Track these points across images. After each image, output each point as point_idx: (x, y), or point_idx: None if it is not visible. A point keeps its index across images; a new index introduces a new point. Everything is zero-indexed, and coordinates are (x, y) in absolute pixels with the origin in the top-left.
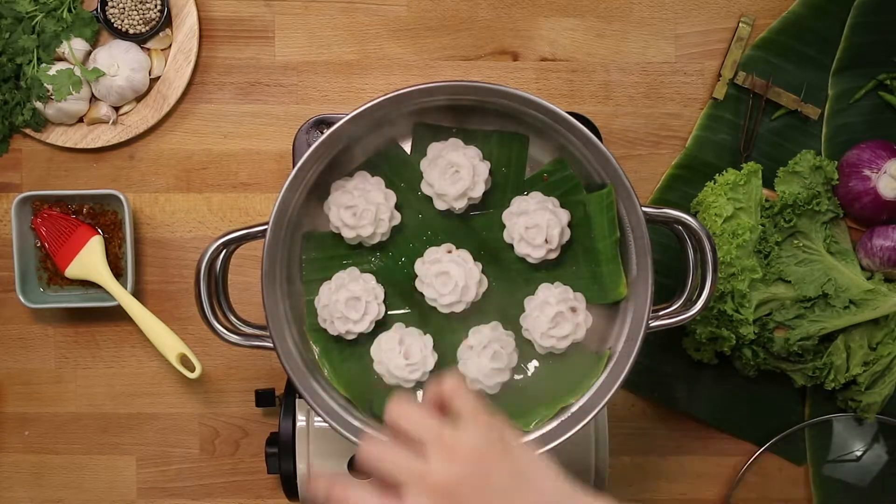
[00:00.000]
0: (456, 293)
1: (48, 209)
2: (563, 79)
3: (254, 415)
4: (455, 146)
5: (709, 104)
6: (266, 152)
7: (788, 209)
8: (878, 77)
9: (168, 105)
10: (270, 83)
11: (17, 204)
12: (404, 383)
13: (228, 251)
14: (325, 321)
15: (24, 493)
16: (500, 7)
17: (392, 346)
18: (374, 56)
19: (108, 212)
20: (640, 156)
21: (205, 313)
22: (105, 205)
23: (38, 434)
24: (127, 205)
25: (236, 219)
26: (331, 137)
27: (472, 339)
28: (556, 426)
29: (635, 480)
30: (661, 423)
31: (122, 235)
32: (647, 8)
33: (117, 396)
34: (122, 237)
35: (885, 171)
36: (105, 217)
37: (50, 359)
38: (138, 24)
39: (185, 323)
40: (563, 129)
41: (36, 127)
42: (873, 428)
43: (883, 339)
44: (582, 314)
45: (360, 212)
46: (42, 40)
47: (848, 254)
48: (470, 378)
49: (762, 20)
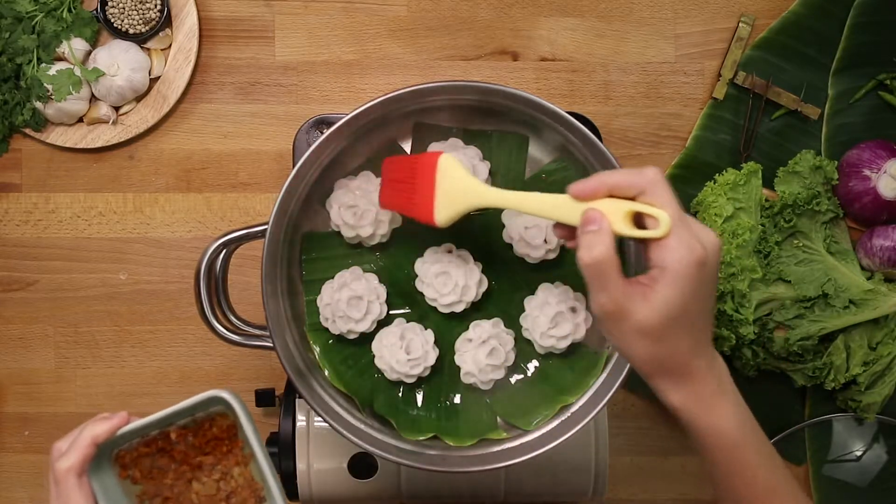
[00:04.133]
0: (456, 293)
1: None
2: (563, 79)
3: (254, 415)
4: (455, 146)
5: (709, 104)
6: (266, 152)
7: (788, 209)
8: (878, 77)
9: (168, 105)
10: (270, 83)
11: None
12: (406, 378)
13: (228, 251)
14: (326, 320)
15: (24, 493)
16: (500, 7)
17: (393, 341)
18: (374, 56)
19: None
20: (640, 156)
21: (205, 313)
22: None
23: (38, 434)
24: (239, 404)
25: (236, 219)
26: (331, 137)
27: (472, 332)
28: (556, 426)
29: (635, 480)
30: (661, 423)
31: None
32: (646, 8)
33: (117, 396)
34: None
35: (885, 171)
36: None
37: (50, 359)
38: (138, 24)
39: (185, 323)
40: (563, 129)
41: (36, 127)
42: (873, 428)
43: (883, 339)
44: (582, 314)
45: (361, 212)
46: (42, 40)
47: (848, 254)
48: (464, 371)
49: (762, 20)
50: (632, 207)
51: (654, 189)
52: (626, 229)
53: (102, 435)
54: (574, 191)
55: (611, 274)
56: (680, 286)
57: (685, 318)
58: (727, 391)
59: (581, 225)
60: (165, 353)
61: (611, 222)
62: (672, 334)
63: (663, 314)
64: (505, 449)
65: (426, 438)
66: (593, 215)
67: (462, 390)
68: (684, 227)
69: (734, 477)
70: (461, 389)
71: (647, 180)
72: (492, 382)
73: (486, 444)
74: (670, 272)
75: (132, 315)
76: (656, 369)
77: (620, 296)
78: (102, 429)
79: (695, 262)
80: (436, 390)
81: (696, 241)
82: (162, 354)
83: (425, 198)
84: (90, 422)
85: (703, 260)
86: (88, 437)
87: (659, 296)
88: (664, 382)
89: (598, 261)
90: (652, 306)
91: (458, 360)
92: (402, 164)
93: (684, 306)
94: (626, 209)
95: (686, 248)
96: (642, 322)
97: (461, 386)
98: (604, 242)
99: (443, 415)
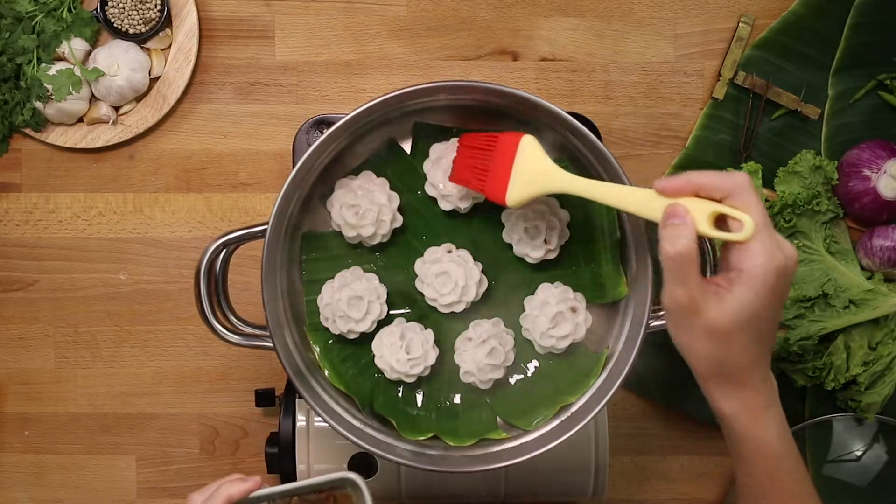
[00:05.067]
0: (456, 293)
1: None
2: (563, 79)
3: (254, 415)
4: (456, 146)
5: (709, 104)
6: (266, 152)
7: (788, 209)
8: (878, 77)
9: (168, 105)
10: (270, 83)
11: None
12: (406, 378)
13: (228, 251)
14: (327, 319)
15: (24, 493)
16: (500, 7)
17: (393, 340)
18: (374, 56)
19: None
20: (640, 156)
21: (205, 313)
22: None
23: (38, 434)
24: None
25: (236, 219)
26: (331, 137)
27: (472, 331)
28: (556, 426)
29: (635, 480)
30: (661, 423)
31: None
32: (646, 8)
33: (117, 396)
34: None
35: (885, 171)
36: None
37: (50, 359)
38: (138, 24)
39: (185, 323)
40: (563, 129)
41: (36, 127)
42: (873, 428)
43: (883, 339)
44: (582, 314)
45: (362, 211)
46: (42, 40)
47: (848, 254)
48: (463, 370)
49: (762, 20)
50: (716, 209)
51: (741, 193)
52: (708, 229)
53: (237, 496)
54: (659, 186)
55: (691, 268)
56: (755, 291)
57: (754, 324)
58: (776, 406)
59: (665, 218)
60: (165, 353)
61: (694, 219)
62: (738, 339)
63: (734, 317)
64: (505, 449)
65: (426, 438)
66: (678, 210)
67: (462, 390)
68: (768, 234)
69: (772, 488)
70: (461, 389)
71: (734, 183)
72: (491, 382)
73: (486, 444)
74: (748, 276)
75: (132, 315)
76: (714, 372)
77: (697, 291)
78: (238, 490)
79: (774, 269)
80: (436, 390)
81: (778, 250)
82: (162, 354)
83: (500, 176)
84: (227, 481)
85: (782, 268)
86: (225, 495)
87: (733, 297)
88: (719, 388)
89: (680, 254)
90: (724, 307)
91: (458, 358)
92: (481, 140)
93: (756, 312)
94: (710, 209)
95: (767, 255)
96: (712, 321)
97: (461, 386)
98: (687, 236)
99: (443, 415)
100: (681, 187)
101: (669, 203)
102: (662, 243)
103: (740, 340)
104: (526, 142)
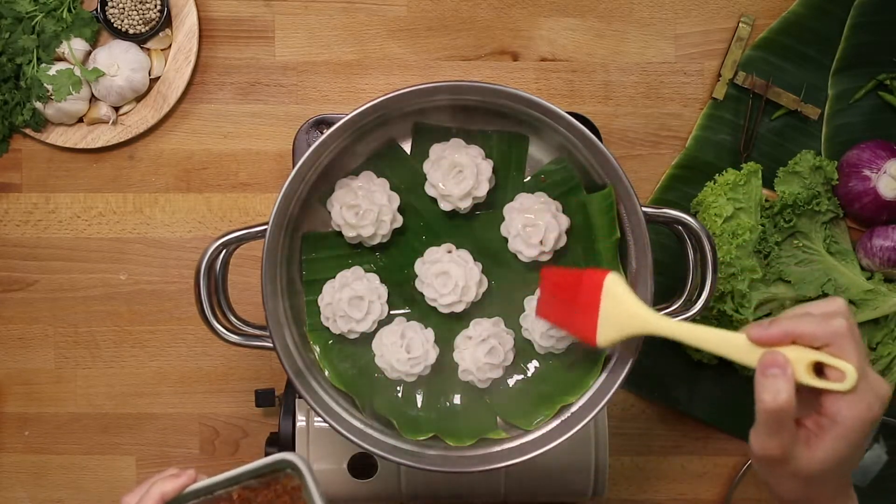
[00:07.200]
0: (456, 293)
1: None
2: (563, 79)
3: (254, 415)
4: (457, 146)
5: (709, 104)
6: (266, 152)
7: (788, 209)
8: (878, 77)
9: (168, 105)
10: (270, 83)
11: None
12: (406, 377)
13: (228, 251)
14: (327, 319)
15: (24, 493)
16: (500, 7)
17: (394, 339)
18: (374, 56)
19: (274, 483)
20: (640, 156)
21: (205, 313)
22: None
23: (38, 434)
24: (307, 468)
25: (236, 219)
26: (331, 137)
27: (472, 330)
28: (556, 426)
29: (635, 480)
30: (661, 423)
31: None
32: (646, 8)
33: (117, 396)
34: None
35: (885, 171)
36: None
37: (50, 359)
38: (138, 24)
39: (185, 323)
40: (563, 129)
41: (36, 127)
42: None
43: (883, 339)
44: None
45: (362, 212)
46: (42, 40)
47: (848, 254)
48: (462, 368)
49: (762, 20)
50: (816, 357)
51: (841, 342)
52: (807, 378)
53: (171, 493)
54: (755, 337)
55: (788, 422)
56: (848, 441)
57: (842, 466)
58: None
59: (763, 366)
60: (165, 353)
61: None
62: (824, 481)
63: (824, 465)
64: (505, 449)
65: (426, 438)
66: (778, 359)
67: (462, 390)
68: (865, 382)
69: None
70: (461, 389)
71: (833, 331)
72: (489, 381)
73: (486, 444)
74: (843, 427)
75: (132, 315)
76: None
77: (790, 443)
78: (171, 487)
79: (870, 421)
80: (436, 390)
81: (875, 398)
82: (162, 354)
83: (588, 316)
84: (158, 478)
85: (877, 419)
86: (157, 493)
87: (826, 446)
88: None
89: (782, 408)
90: (814, 455)
91: (457, 356)
92: (565, 277)
93: (846, 459)
94: (809, 358)
95: (865, 406)
96: (801, 468)
97: (461, 386)
98: (788, 390)
99: (443, 415)
100: (778, 339)
101: (767, 351)
102: (761, 394)
103: (826, 480)
104: (611, 281)
